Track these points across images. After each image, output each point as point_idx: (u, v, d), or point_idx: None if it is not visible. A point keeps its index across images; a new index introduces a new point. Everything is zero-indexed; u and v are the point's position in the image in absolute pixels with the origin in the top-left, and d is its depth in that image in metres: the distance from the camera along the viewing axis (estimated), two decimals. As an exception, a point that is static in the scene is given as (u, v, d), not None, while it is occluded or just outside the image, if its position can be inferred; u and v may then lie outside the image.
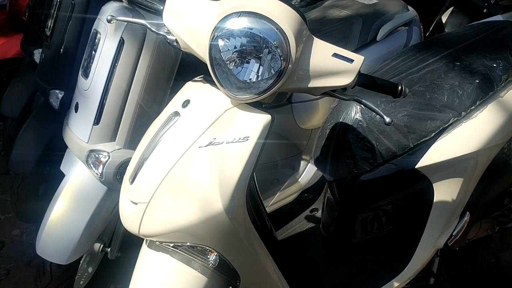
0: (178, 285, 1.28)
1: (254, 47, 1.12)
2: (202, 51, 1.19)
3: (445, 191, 1.58)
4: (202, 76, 1.37)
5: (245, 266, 1.30)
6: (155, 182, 1.20)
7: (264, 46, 1.11)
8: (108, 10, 1.66)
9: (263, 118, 1.19)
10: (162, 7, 1.26)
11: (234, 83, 1.15)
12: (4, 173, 3.04)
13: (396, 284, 1.64)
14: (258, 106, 1.22)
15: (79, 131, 1.73)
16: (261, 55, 1.12)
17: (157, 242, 1.28)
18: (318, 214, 1.95)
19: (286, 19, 1.10)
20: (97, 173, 1.69)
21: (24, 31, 2.78)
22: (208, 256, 1.29)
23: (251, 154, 1.17)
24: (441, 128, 1.54)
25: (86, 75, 1.72)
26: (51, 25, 2.15)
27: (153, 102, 1.70)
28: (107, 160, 1.67)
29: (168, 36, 1.27)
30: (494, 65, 1.63)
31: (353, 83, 1.18)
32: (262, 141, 1.19)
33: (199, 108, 1.23)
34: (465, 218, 1.70)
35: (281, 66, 1.11)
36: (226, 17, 1.12)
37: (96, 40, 1.70)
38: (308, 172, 2.17)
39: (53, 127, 2.17)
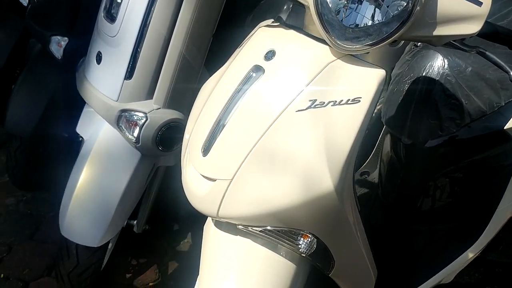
0: (263, 274, 1.07)
1: None
2: None
3: (528, 154, 1.42)
4: (274, 20, 1.12)
5: (344, 249, 1.10)
6: (240, 154, 0.97)
7: None
8: None
9: (378, 74, 0.96)
10: None
11: (341, 30, 0.91)
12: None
13: (470, 255, 1.49)
14: (361, 57, 0.99)
15: (105, 87, 1.44)
16: None
17: (240, 226, 1.06)
18: (370, 178, 1.76)
19: None
20: (132, 138, 1.42)
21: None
22: (299, 241, 1.07)
23: (365, 119, 0.95)
24: (536, 84, 1.36)
25: (111, 18, 1.42)
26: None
27: (198, 52, 1.42)
28: (144, 122, 1.40)
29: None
30: None
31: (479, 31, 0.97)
32: (376, 103, 0.97)
33: (291, 61, 0.98)
34: (542, 182, 1.56)
35: (407, 8, 0.88)
36: None
37: (123, -25, 1.39)
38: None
39: (56, 81, 1.87)
